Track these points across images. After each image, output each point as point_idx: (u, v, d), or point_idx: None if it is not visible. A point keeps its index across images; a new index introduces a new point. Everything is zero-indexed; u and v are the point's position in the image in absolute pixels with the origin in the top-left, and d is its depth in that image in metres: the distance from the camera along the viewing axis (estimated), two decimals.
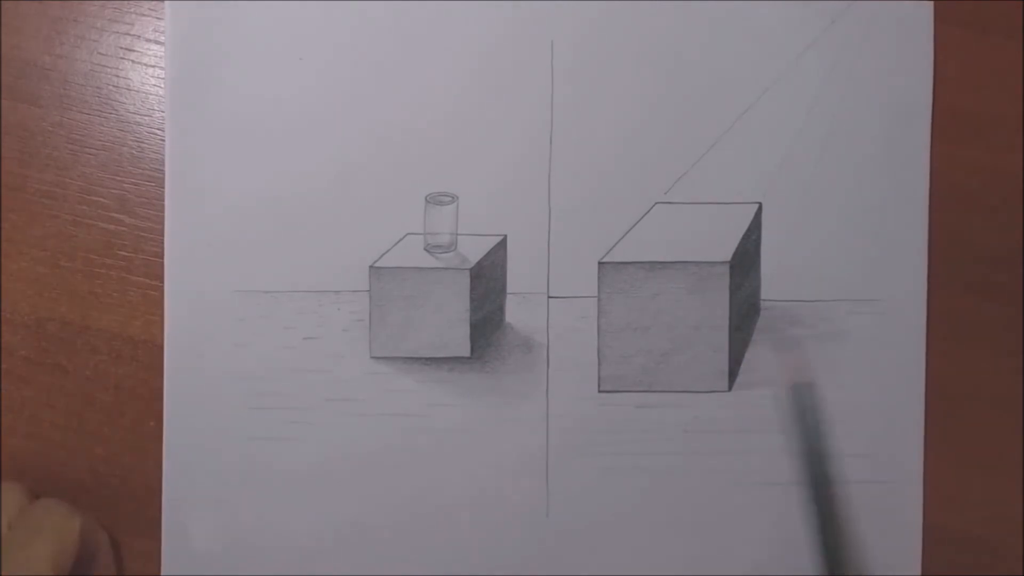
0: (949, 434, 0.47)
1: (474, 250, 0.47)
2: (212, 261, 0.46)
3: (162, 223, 0.47)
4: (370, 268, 0.46)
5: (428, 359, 0.47)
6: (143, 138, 0.47)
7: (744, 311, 0.47)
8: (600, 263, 0.46)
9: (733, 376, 0.47)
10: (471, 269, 0.46)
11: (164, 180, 0.47)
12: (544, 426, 0.47)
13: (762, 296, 0.47)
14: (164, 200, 0.47)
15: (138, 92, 0.47)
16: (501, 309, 0.47)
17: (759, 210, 0.47)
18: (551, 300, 0.47)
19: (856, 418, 0.47)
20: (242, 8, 0.47)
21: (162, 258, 0.47)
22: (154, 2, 0.47)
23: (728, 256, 0.46)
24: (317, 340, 0.46)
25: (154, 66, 0.47)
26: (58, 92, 0.47)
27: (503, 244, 0.47)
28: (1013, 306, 0.47)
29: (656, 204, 0.47)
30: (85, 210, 0.47)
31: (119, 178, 0.47)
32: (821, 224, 0.47)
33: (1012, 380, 0.47)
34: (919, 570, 0.46)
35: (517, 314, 0.47)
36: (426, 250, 0.47)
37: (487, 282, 0.47)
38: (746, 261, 0.47)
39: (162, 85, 0.47)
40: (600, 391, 0.47)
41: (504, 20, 0.47)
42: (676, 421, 0.47)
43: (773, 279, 0.47)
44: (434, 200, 0.47)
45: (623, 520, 0.47)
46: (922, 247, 0.47)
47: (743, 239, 0.46)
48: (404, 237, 0.47)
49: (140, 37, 0.47)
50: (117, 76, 0.47)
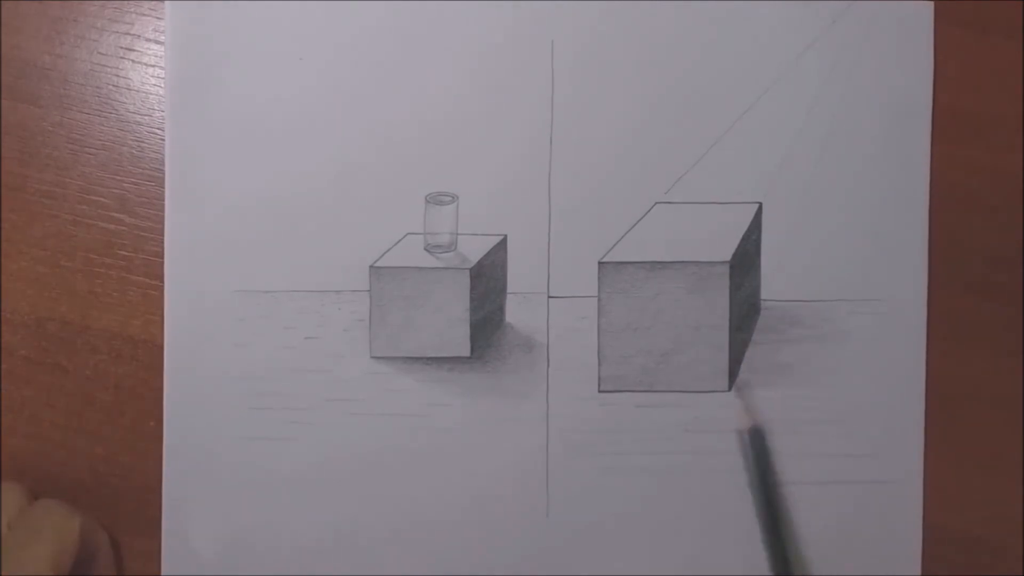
0: (949, 434, 0.47)
1: (474, 250, 0.47)
2: (212, 261, 0.46)
3: (162, 223, 0.47)
4: (370, 268, 0.46)
5: (428, 359, 0.47)
6: (143, 138, 0.47)
7: (744, 311, 0.47)
8: (600, 263, 0.46)
9: (733, 376, 0.47)
10: (471, 269, 0.46)
11: (164, 180, 0.47)
12: (544, 426, 0.47)
13: (762, 296, 0.47)
14: (164, 200, 0.47)
15: (138, 92, 0.47)
16: (501, 309, 0.47)
17: (759, 210, 0.47)
18: (551, 300, 0.47)
19: (856, 418, 0.47)
20: (242, 8, 0.47)
21: (162, 258, 0.47)
22: (154, 2, 0.47)
23: (728, 256, 0.46)
24: (317, 340, 0.46)
25: (154, 66, 0.47)
26: (58, 92, 0.47)
27: (503, 244, 0.47)
28: (1013, 306, 0.47)
29: (656, 204, 0.47)
30: (85, 210, 0.47)
31: (119, 178, 0.47)
32: (821, 224, 0.47)
33: (1012, 380, 0.47)
34: (919, 570, 0.46)
35: (517, 314, 0.47)
36: (426, 250, 0.47)
37: (487, 282, 0.47)
38: (746, 261, 0.47)
39: (162, 85, 0.47)
40: (600, 391, 0.47)
41: (504, 20, 0.47)
42: (676, 421, 0.47)
43: (773, 279, 0.47)
44: (434, 200, 0.47)
45: (623, 520, 0.47)
46: (922, 247, 0.47)
47: (743, 239, 0.46)
48: (404, 237, 0.47)
49: (140, 37, 0.47)
50: (117, 76, 0.47)
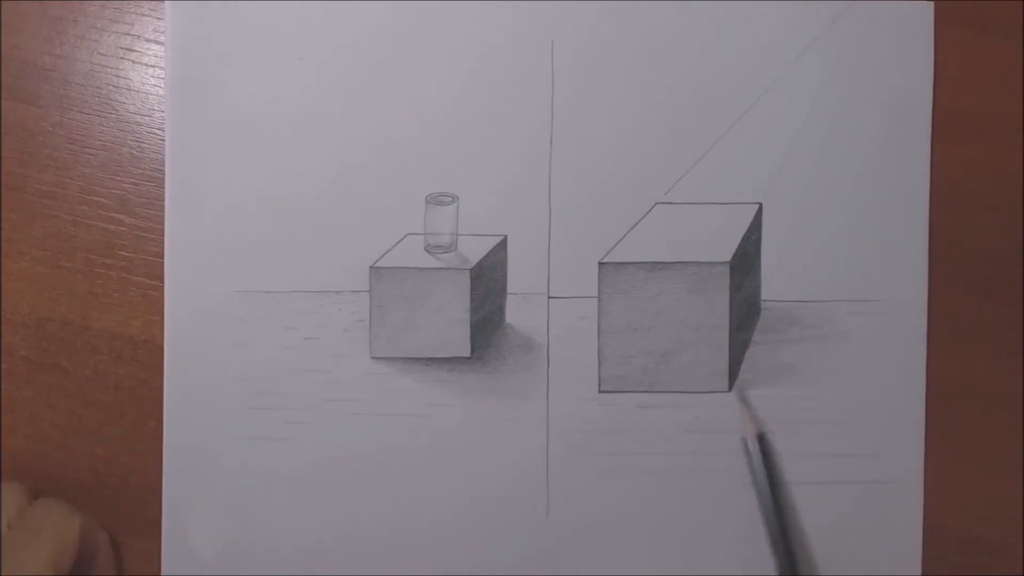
0: (949, 434, 0.47)
1: (474, 250, 0.47)
2: (212, 261, 0.46)
3: (162, 223, 0.47)
4: (370, 268, 0.46)
5: (428, 359, 0.47)
6: (143, 138, 0.47)
7: (744, 311, 0.47)
8: (600, 263, 0.46)
9: (733, 376, 0.47)
10: (471, 269, 0.46)
11: (164, 180, 0.47)
12: (544, 426, 0.47)
13: (762, 296, 0.47)
14: (164, 200, 0.47)
15: (138, 92, 0.47)
16: (501, 309, 0.47)
17: (759, 210, 0.47)
18: (551, 300, 0.47)
19: (856, 418, 0.47)
20: (242, 8, 0.47)
21: (162, 258, 0.47)
22: (154, 2, 0.47)
23: (728, 256, 0.46)
24: (317, 340, 0.46)
25: (154, 66, 0.47)
26: (58, 92, 0.47)
27: (503, 244, 0.47)
28: (1013, 306, 0.47)
29: (656, 204, 0.47)
30: (85, 210, 0.47)
31: (119, 178, 0.47)
32: (821, 224, 0.47)
33: (1012, 380, 0.47)
34: (919, 570, 0.46)
35: (517, 314, 0.47)
36: (426, 250, 0.47)
37: (487, 282, 0.47)
38: (746, 261, 0.47)
39: (162, 85, 0.47)
40: (600, 391, 0.47)
41: (504, 20, 0.47)
42: (676, 421, 0.47)
43: (773, 279, 0.47)
44: (434, 200, 0.47)
45: (623, 520, 0.47)
46: (922, 247, 0.47)
47: (743, 239, 0.46)
48: (404, 237, 0.47)
49: (140, 37, 0.47)
50: (117, 76, 0.47)
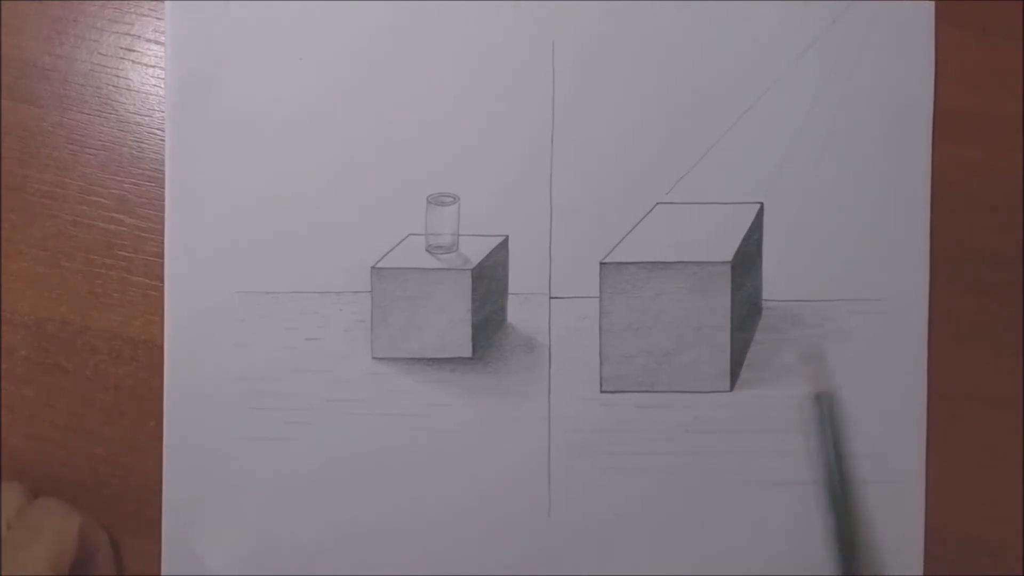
0: (950, 434, 0.47)
1: (476, 251, 0.47)
2: (212, 261, 0.46)
3: (162, 223, 0.47)
4: (372, 269, 0.46)
5: (430, 360, 0.47)
6: (143, 138, 0.47)
7: (745, 311, 0.47)
8: (602, 263, 0.46)
9: (735, 376, 0.47)
10: (473, 270, 0.46)
11: (164, 180, 0.47)
12: (546, 426, 0.47)
13: (763, 296, 0.47)
14: (164, 200, 0.47)
15: (138, 92, 0.47)
16: (503, 310, 0.47)
17: (760, 210, 0.47)
18: (553, 300, 0.47)
19: (857, 418, 0.47)
20: (242, 8, 0.47)
21: (162, 258, 0.46)
22: (154, 2, 0.47)
23: (729, 256, 0.46)
24: (318, 341, 0.46)
25: (154, 66, 0.47)
26: (58, 92, 0.47)
27: (505, 245, 0.47)
28: (1013, 306, 0.47)
29: (657, 204, 0.47)
30: (85, 210, 0.47)
31: (119, 178, 0.47)
32: (822, 224, 0.47)
33: (1012, 380, 0.47)
34: (921, 570, 0.46)
35: (519, 314, 0.47)
36: (428, 251, 0.47)
37: (489, 283, 0.47)
38: (747, 261, 0.47)
39: (162, 85, 0.47)
40: (602, 391, 0.47)
41: (505, 20, 0.47)
42: (678, 421, 0.47)
43: (774, 279, 0.47)
44: (436, 201, 0.47)
45: (625, 520, 0.47)
46: (923, 247, 0.47)
47: (744, 239, 0.46)
48: (406, 238, 0.47)
49: (140, 37, 0.47)
50: (117, 76, 0.47)
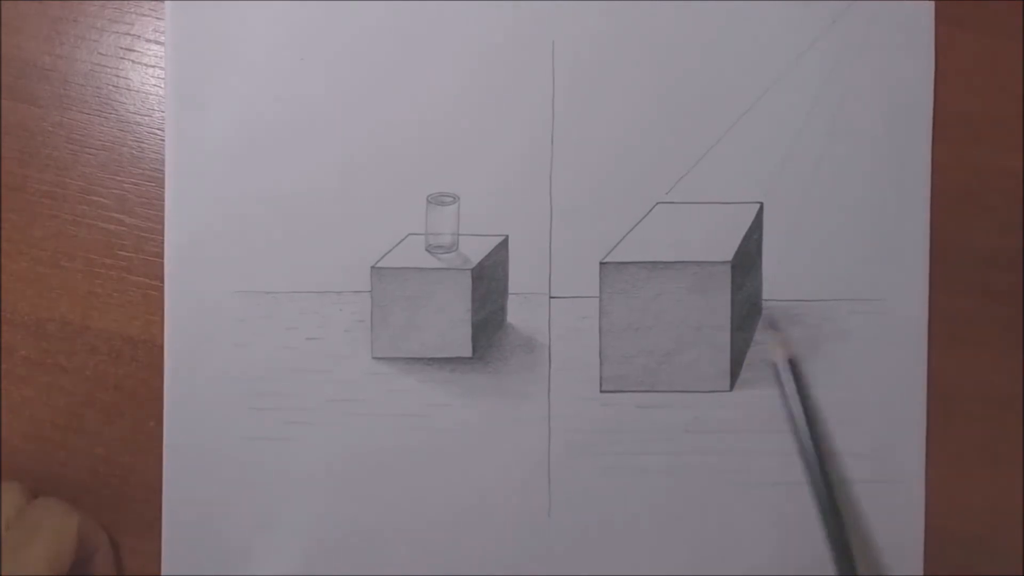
0: (951, 434, 0.47)
1: (476, 250, 0.47)
2: (212, 261, 0.46)
3: (162, 223, 0.47)
4: (372, 269, 0.46)
5: (430, 360, 0.47)
6: (143, 138, 0.47)
7: (745, 311, 0.47)
8: (601, 263, 0.46)
9: (735, 376, 0.47)
10: (472, 269, 0.46)
11: (164, 180, 0.47)
12: (546, 426, 0.47)
13: (763, 296, 0.47)
14: (164, 200, 0.47)
15: (138, 92, 0.47)
16: (503, 309, 0.47)
17: (760, 210, 0.47)
18: (553, 300, 0.47)
19: (857, 418, 0.47)
20: (242, 8, 0.47)
21: (162, 258, 0.46)
22: (154, 2, 0.47)
23: (729, 256, 0.46)
24: (318, 341, 0.46)
25: (154, 66, 0.47)
26: (58, 92, 0.47)
27: (504, 244, 0.47)
28: (1013, 306, 0.47)
29: (657, 204, 0.47)
30: (85, 210, 0.47)
31: (119, 178, 0.47)
32: (822, 224, 0.47)
33: (1012, 380, 0.47)
34: (921, 570, 0.46)
35: (519, 314, 0.47)
36: (428, 250, 0.47)
37: (489, 282, 0.47)
38: (747, 261, 0.47)
39: (162, 85, 0.47)
40: (602, 391, 0.47)
41: (505, 20, 0.47)
42: (677, 421, 0.47)
43: (774, 279, 0.47)
44: (436, 200, 0.47)
45: (624, 520, 0.47)
46: (923, 247, 0.47)
47: (744, 239, 0.46)
48: (406, 237, 0.47)
49: (140, 37, 0.47)
50: (117, 76, 0.47)
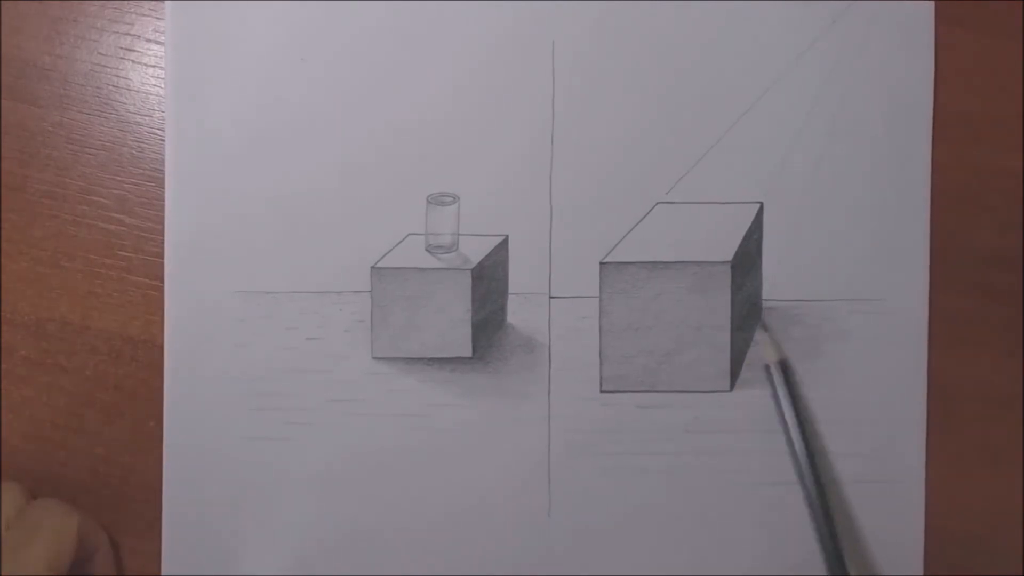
0: (950, 434, 0.47)
1: (476, 250, 0.47)
2: (212, 261, 0.46)
3: (162, 223, 0.47)
4: (372, 269, 0.46)
5: (430, 360, 0.47)
6: (143, 138, 0.47)
7: (745, 311, 0.47)
8: (601, 263, 0.46)
9: (735, 376, 0.47)
10: (472, 269, 0.46)
11: (164, 180, 0.47)
12: (546, 426, 0.47)
13: (763, 296, 0.47)
14: (164, 200, 0.47)
15: (138, 92, 0.47)
16: (503, 309, 0.47)
17: (760, 210, 0.47)
18: (553, 300, 0.47)
19: (857, 418, 0.47)
20: (242, 8, 0.47)
21: (162, 258, 0.47)
22: (154, 2, 0.47)
23: (729, 256, 0.46)
24: (318, 341, 0.46)
25: (154, 66, 0.47)
26: (58, 92, 0.47)
27: (504, 244, 0.47)
28: (1013, 306, 0.47)
29: (657, 204, 0.47)
30: (85, 210, 0.47)
31: (119, 178, 0.47)
32: (822, 224, 0.47)
33: (1012, 380, 0.47)
34: (921, 570, 0.46)
35: (519, 314, 0.47)
36: (428, 250, 0.47)
37: (489, 282, 0.47)
38: (747, 261, 0.47)
39: (162, 85, 0.47)
40: (602, 391, 0.47)
41: (505, 20, 0.47)
42: (677, 421, 0.47)
43: (774, 279, 0.47)
44: (436, 200, 0.47)
45: (625, 520, 0.46)
46: (923, 247, 0.47)
47: (744, 239, 0.46)
48: (406, 238, 0.47)
49: (140, 37, 0.47)
50: (117, 76, 0.47)
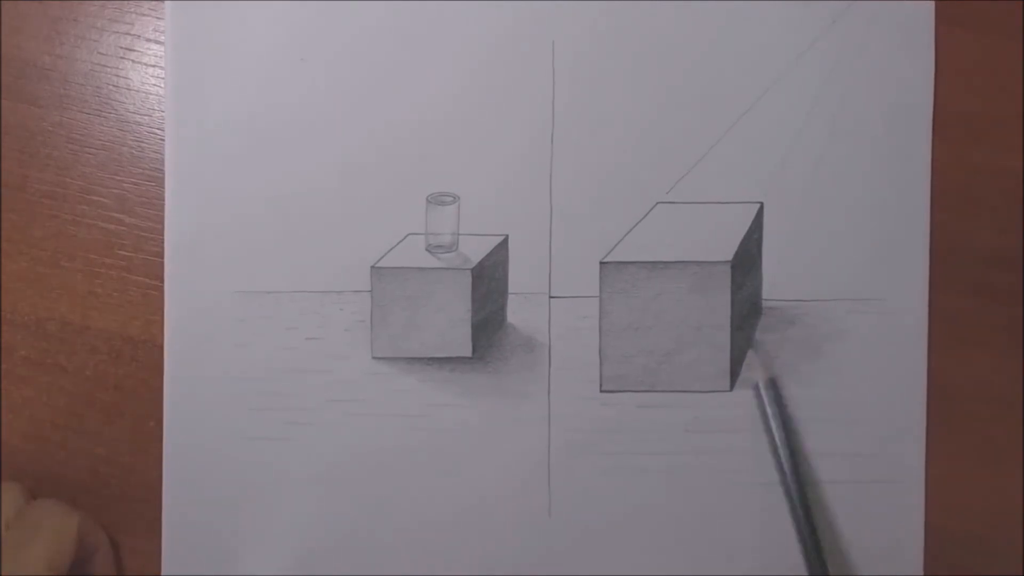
0: (951, 434, 0.47)
1: (476, 250, 0.47)
2: (212, 261, 0.46)
3: (162, 223, 0.47)
4: (372, 268, 0.46)
5: (430, 359, 0.47)
6: (143, 138, 0.47)
7: (745, 311, 0.47)
8: (601, 263, 0.46)
9: (735, 376, 0.47)
10: (472, 269, 0.46)
11: (164, 180, 0.47)
12: (546, 426, 0.47)
13: (763, 296, 0.47)
14: (164, 200, 0.47)
15: (138, 92, 0.47)
16: (503, 309, 0.47)
17: (760, 210, 0.47)
18: (553, 300, 0.47)
19: (857, 418, 0.47)
20: (242, 8, 0.47)
21: (162, 258, 0.47)
22: (154, 2, 0.47)
23: (729, 256, 0.46)
24: (319, 340, 0.46)
25: (154, 66, 0.47)
26: (58, 92, 0.47)
27: (504, 244, 0.47)
28: (1013, 306, 0.47)
29: (657, 204, 0.47)
30: (85, 210, 0.47)
31: (119, 178, 0.47)
32: (822, 224, 0.47)
33: (1012, 380, 0.47)
34: (921, 570, 0.46)
35: (519, 314, 0.47)
36: (428, 250, 0.47)
37: (489, 282, 0.47)
38: (747, 261, 0.47)
39: (162, 85, 0.47)
40: (602, 391, 0.47)
41: (505, 20, 0.47)
42: (677, 421, 0.47)
43: (774, 279, 0.47)
44: (436, 200, 0.47)
45: (625, 520, 0.47)
46: (923, 247, 0.47)
47: (744, 239, 0.46)
48: (406, 237, 0.47)
49: (140, 37, 0.47)
50: (117, 76, 0.47)
